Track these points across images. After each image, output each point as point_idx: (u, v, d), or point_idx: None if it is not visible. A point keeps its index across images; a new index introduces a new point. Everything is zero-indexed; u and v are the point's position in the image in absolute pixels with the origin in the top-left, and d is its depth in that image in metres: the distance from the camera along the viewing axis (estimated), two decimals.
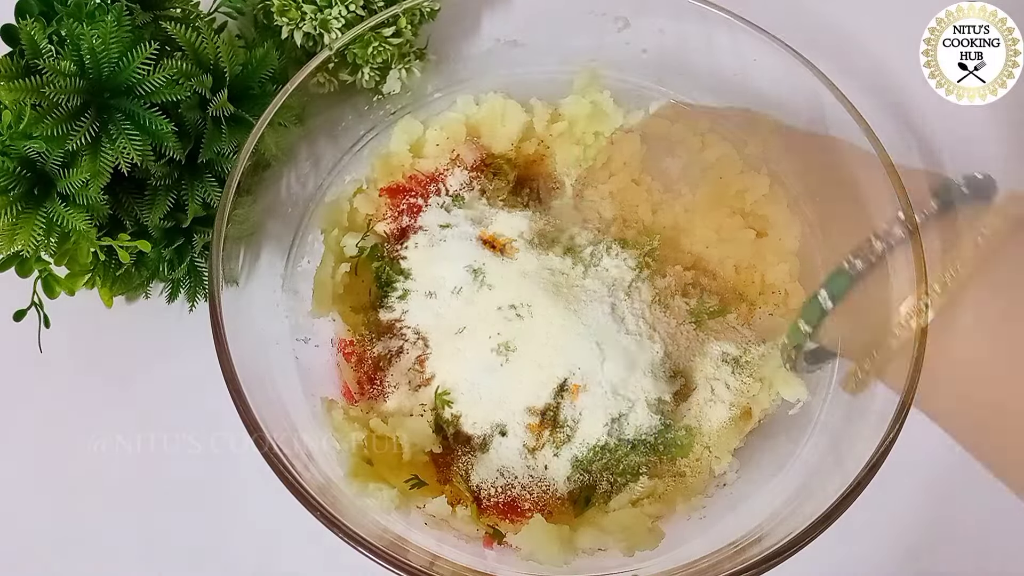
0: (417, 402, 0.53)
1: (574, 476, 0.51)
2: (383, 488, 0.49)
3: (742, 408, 0.53)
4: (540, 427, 0.51)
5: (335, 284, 0.56)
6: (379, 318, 0.56)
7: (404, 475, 0.50)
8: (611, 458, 0.51)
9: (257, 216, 0.55)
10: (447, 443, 0.52)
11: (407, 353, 0.54)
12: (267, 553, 0.39)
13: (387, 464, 0.50)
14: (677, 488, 0.52)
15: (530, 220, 0.56)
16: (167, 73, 0.50)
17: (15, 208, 0.50)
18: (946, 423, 0.37)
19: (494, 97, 0.61)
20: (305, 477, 0.45)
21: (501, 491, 0.51)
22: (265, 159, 0.55)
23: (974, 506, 0.58)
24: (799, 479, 0.48)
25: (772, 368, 0.53)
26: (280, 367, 0.53)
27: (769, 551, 0.41)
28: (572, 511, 0.51)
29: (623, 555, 0.47)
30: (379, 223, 0.58)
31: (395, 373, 0.54)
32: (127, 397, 0.61)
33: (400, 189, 0.59)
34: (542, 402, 0.50)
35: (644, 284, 0.53)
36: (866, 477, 0.41)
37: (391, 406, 0.53)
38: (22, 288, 0.56)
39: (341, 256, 0.57)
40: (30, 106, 0.48)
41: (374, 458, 0.50)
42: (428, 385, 0.53)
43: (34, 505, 0.59)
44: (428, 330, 0.54)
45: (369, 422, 0.51)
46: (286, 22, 0.60)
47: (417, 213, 0.58)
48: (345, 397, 0.54)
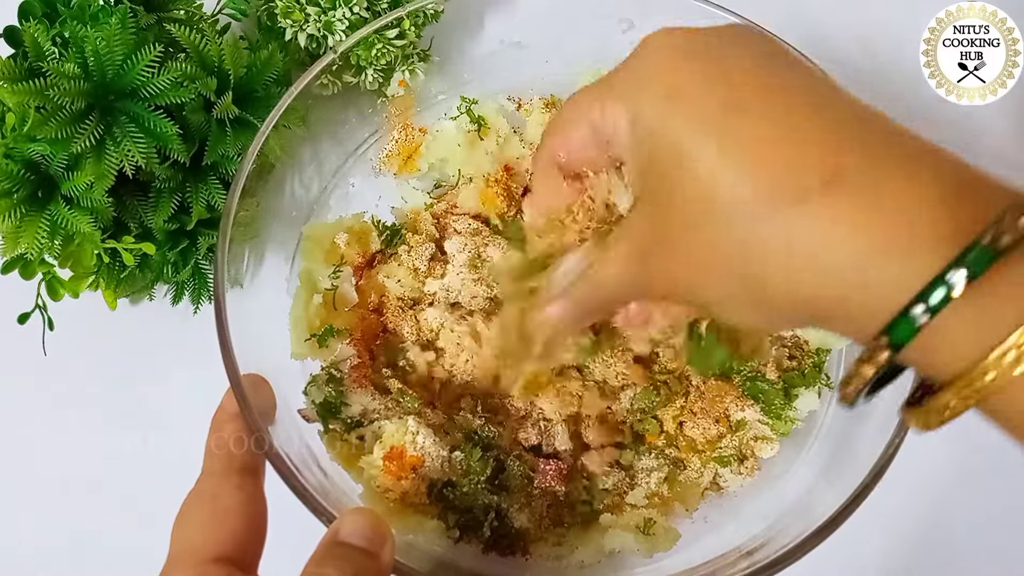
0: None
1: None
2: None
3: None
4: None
5: (310, 319, 0.53)
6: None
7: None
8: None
9: (261, 219, 0.55)
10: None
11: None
12: (268, 553, 0.39)
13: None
14: (676, 493, 0.52)
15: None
16: (171, 75, 0.50)
17: (19, 211, 0.50)
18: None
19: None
20: (307, 477, 0.45)
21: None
22: (269, 161, 0.55)
23: (975, 505, 0.58)
24: (805, 482, 0.48)
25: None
26: (282, 368, 0.53)
27: (776, 555, 0.41)
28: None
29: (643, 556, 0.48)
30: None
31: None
32: (131, 399, 0.61)
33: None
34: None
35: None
36: (872, 481, 0.41)
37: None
38: (26, 291, 0.56)
39: (315, 289, 0.54)
40: (34, 108, 0.48)
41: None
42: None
43: (36, 506, 0.59)
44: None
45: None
46: (290, 24, 0.60)
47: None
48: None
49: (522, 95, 0.62)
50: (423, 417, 0.50)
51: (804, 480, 0.49)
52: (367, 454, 0.49)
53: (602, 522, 0.50)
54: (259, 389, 0.45)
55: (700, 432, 0.51)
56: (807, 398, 0.51)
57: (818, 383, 0.52)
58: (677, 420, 0.52)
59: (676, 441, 0.52)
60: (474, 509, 0.49)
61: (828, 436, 0.51)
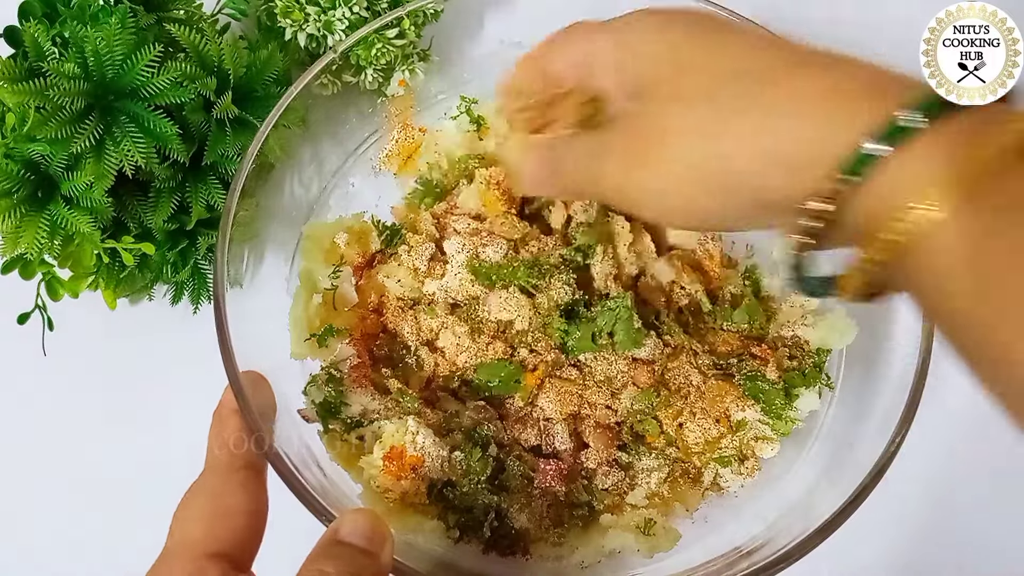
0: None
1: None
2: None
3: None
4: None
5: (309, 318, 0.53)
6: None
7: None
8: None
9: (261, 219, 0.55)
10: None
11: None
12: (268, 553, 0.39)
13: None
14: (676, 494, 0.52)
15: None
16: (171, 75, 0.50)
17: (19, 211, 0.50)
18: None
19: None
20: (307, 477, 0.45)
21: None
22: (269, 161, 0.55)
23: (975, 505, 0.58)
24: (805, 482, 0.48)
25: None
26: (282, 368, 0.53)
27: (776, 555, 0.41)
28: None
29: (643, 556, 0.48)
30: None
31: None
32: (130, 399, 0.61)
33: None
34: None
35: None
36: (872, 481, 0.41)
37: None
38: (26, 291, 0.56)
39: (315, 289, 0.54)
40: (34, 108, 0.48)
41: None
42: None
43: (36, 506, 0.59)
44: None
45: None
46: (290, 24, 0.60)
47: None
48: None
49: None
50: (423, 417, 0.50)
51: (804, 480, 0.49)
52: (367, 454, 0.49)
53: (602, 522, 0.50)
54: (259, 388, 0.45)
55: (700, 432, 0.51)
56: (808, 398, 0.51)
57: (818, 383, 0.52)
58: (677, 420, 0.52)
59: (676, 441, 0.52)
60: (474, 509, 0.49)
61: (828, 436, 0.51)
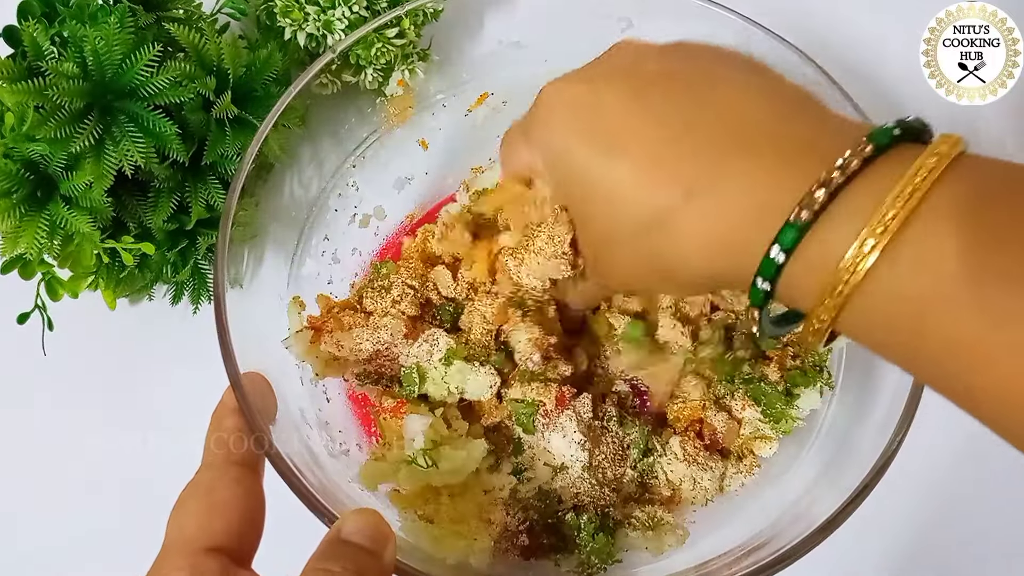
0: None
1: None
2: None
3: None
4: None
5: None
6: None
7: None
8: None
9: (261, 219, 0.55)
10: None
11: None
12: (268, 553, 0.39)
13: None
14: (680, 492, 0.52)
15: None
16: (170, 75, 0.50)
17: (18, 211, 0.50)
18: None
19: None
20: (308, 477, 0.45)
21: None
22: (269, 161, 0.55)
23: (976, 505, 0.58)
24: (805, 482, 0.48)
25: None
26: (283, 368, 0.53)
27: (776, 554, 0.41)
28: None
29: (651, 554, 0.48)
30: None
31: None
32: (130, 399, 0.61)
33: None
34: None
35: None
36: (872, 481, 0.41)
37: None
38: (26, 291, 0.56)
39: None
40: (33, 108, 0.48)
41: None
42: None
43: (36, 506, 0.59)
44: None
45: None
46: (289, 23, 0.59)
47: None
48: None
49: (521, 95, 0.62)
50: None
51: (805, 479, 0.49)
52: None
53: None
54: (259, 388, 0.45)
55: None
56: (808, 397, 0.51)
57: (819, 382, 0.52)
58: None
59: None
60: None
61: (829, 435, 0.51)
